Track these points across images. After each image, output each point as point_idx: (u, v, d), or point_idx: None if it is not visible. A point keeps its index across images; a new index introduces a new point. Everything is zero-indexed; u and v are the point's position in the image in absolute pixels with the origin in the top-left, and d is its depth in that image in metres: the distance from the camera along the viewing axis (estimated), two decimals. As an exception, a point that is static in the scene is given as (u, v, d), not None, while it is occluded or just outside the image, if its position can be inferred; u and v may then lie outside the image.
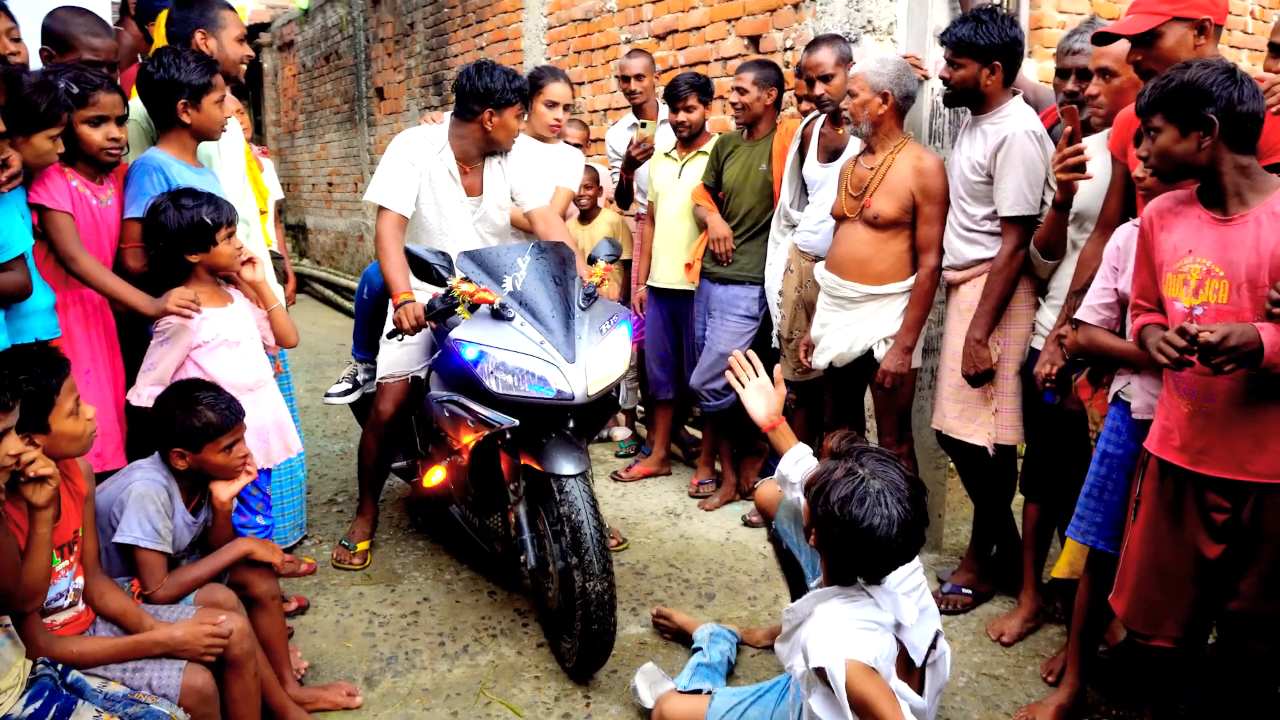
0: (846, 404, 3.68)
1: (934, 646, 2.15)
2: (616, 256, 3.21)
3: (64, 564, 2.06)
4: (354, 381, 3.92)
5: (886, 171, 3.20)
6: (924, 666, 2.13)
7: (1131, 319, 2.29)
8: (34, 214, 2.54)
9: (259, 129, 13.31)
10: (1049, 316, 2.92)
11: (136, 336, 2.82)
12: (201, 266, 2.79)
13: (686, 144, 4.23)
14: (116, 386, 2.77)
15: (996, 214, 3.01)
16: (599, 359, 2.82)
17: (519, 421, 2.75)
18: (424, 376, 3.39)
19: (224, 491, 2.49)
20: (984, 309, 3.01)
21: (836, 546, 2.00)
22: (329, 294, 10.14)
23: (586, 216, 4.80)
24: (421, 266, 2.93)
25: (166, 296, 2.69)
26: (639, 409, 5.19)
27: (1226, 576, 2.14)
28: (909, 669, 2.09)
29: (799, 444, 2.45)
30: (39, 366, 1.97)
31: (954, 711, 2.68)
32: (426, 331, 3.22)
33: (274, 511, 3.27)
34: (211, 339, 2.77)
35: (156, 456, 2.46)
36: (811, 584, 2.34)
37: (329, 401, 3.95)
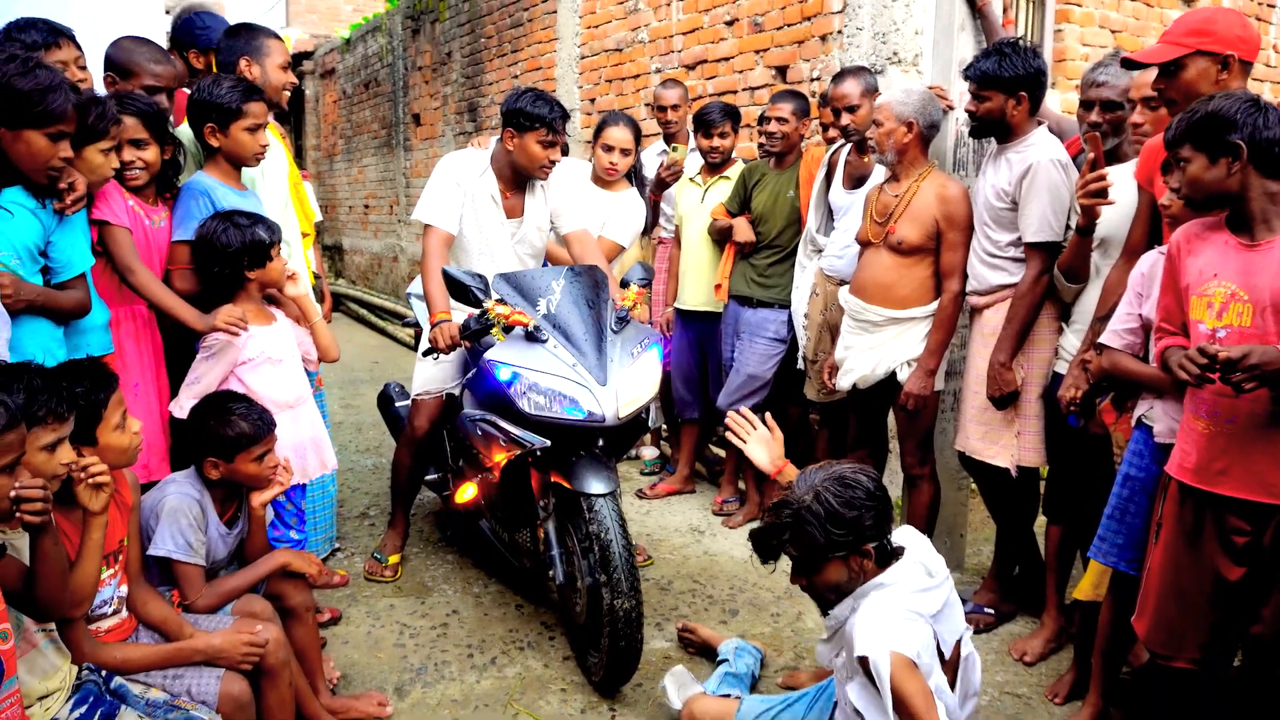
0: (870, 425, 3.72)
1: (960, 647, 2.18)
2: (649, 281, 3.27)
3: (109, 572, 2.13)
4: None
5: (911, 199, 3.25)
6: (955, 666, 2.16)
7: (1155, 342, 2.32)
8: (93, 229, 2.64)
9: (300, 153, 13.60)
10: (1072, 341, 2.95)
11: (181, 350, 2.92)
12: (254, 284, 2.89)
13: (714, 169, 4.31)
14: (162, 400, 2.87)
15: (1020, 240, 3.05)
16: (630, 382, 2.88)
17: (550, 442, 2.82)
18: (457, 393, 3.47)
19: (257, 498, 2.57)
20: (1008, 332, 3.05)
21: (855, 540, 2.07)
22: (363, 313, 10.31)
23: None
24: (458, 288, 2.99)
25: (215, 313, 2.77)
26: (663, 428, 5.25)
27: (1249, 599, 2.15)
28: (942, 662, 2.12)
29: None
30: (89, 380, 2.05)
31: (977, 730, 2.70)
32: (461, 350, 3.30)
33: (306, 526, 3.35)
34: (256, 356, 2.86)
35: (192, 470, 2.54)
36: None
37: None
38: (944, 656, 2.12)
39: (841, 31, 4.53)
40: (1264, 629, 2.13)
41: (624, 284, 3.23)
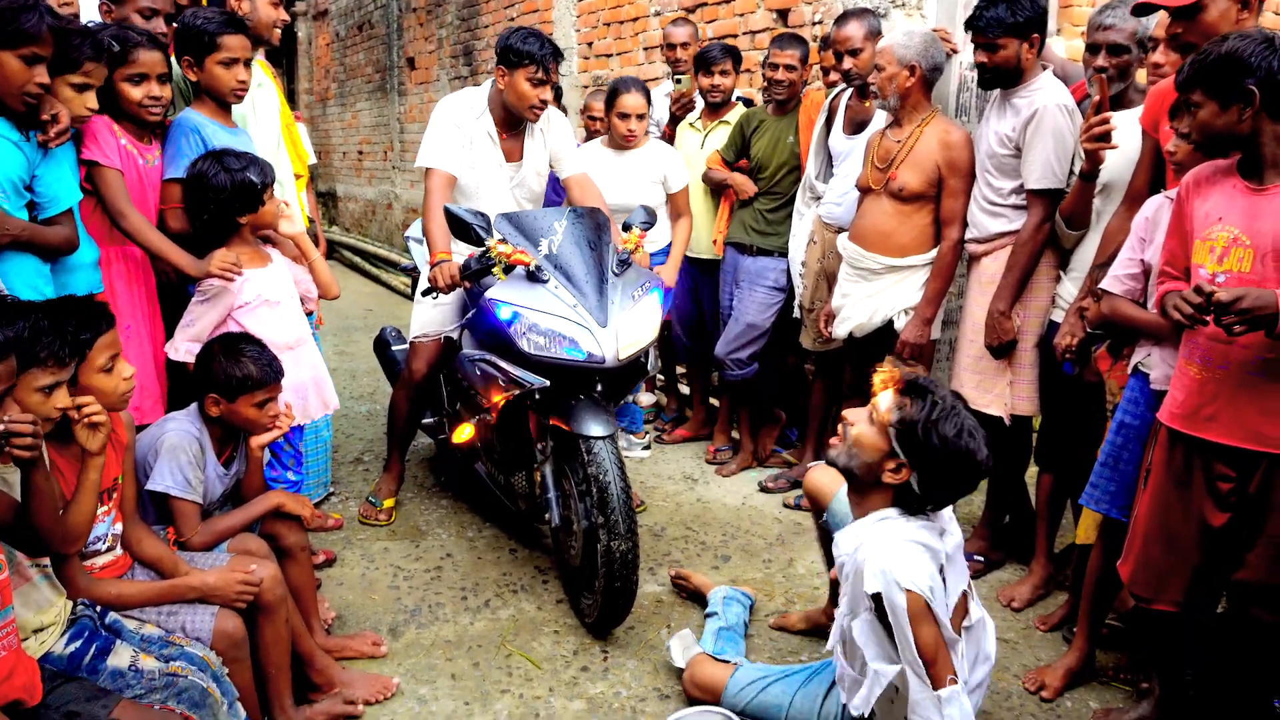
0: (865, 374, 3.70)
1: (967, 611, 2.16)
2: (651, 223, 3.25)
3: (104, 509, 2.12)
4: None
5: (914, 144, 3.21)
6: (960, 619, 2.14)
7: (1156, 287, 2.30)
8: (81, 169, 2.59)
9: (291, 97, 13.40)
10: (1069, 290, 2.94)
11: (176, 292, 2.89)
12: (247, 227, 2.85)
13: (714, 111, 4.25)
14: (156, 342, 2.85)
15: (1021, 188, 3.02)
16: (630, 324, 2.87)
17: (549, 382, 2.81)
18: (456, 337, 3.46)
19: (256, 440, 2.56)
20: (1008, 281, 3.03)
21: (936, 476, 2.05)
22: (357, 260, 10.25)
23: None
24: (460, 226, 2.96)
25: (210, 258, 2.73)
26: (659, 377, 5.24)
27: (1233, 546, 2.16)
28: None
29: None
30: (77, 320, 2.00)
31: (964, 675, 2.73)
32: (459, 292, 3.27)
33: (301, 469, 3.35)
34: (252, 299, 2.84)
35: (193, 407, 2.53)
36: None
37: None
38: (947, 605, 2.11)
39: (844, -26, 4.44)
40: (1248, 574, 2.14)
41: (626, 227, 3.21)
